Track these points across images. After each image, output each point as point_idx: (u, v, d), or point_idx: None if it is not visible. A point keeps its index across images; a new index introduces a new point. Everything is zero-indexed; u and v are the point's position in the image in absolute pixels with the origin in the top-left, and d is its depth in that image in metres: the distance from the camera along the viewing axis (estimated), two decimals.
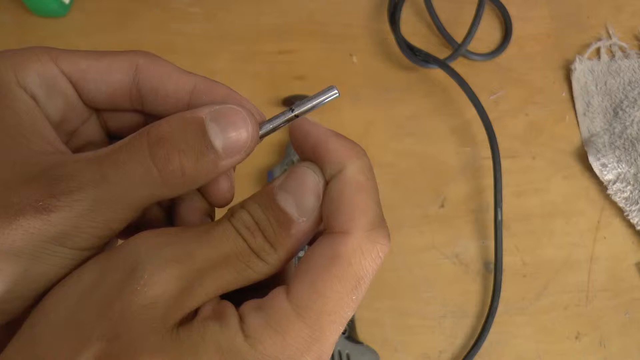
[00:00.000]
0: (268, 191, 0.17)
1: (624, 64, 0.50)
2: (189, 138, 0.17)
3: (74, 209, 0.16)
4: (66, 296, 0.16)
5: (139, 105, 0.20)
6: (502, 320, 0.42)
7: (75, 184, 0.16)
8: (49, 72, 0.19)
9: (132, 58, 0.20)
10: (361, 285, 0.16)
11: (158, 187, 0.17)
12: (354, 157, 0.17)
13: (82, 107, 0.20)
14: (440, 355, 0.41)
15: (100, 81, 0.19)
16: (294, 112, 0.19)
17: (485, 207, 0.45)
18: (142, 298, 0.15)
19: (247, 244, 0.17)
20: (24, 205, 0.16)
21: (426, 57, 0.47)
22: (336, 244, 0.16)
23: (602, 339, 0.42)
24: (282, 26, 0.51)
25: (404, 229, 0.44)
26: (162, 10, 0.51)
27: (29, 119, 0.18)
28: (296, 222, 0.17)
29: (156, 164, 0.17)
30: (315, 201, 0.17)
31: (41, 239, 0.16)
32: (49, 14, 0.50)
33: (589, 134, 0.48)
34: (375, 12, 0.53)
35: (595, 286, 0.43)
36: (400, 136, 0.48)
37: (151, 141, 0.17)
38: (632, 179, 0.45)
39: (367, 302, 0.42)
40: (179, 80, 0.20)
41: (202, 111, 0.17)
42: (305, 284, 0.16)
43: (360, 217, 0.16)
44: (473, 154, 0.47)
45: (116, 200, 0.17)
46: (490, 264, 0.43)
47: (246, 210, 0.17)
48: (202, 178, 0.18)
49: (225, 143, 0.17)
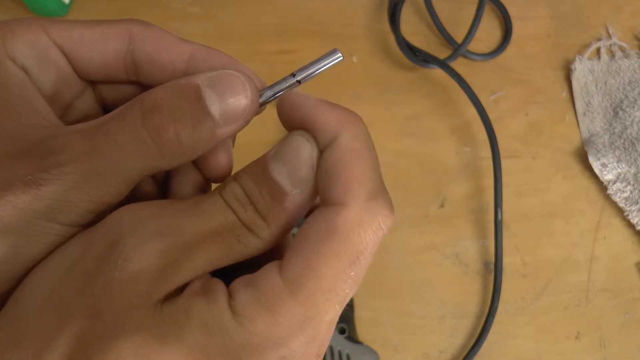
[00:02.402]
0: (261, 162, 0.16)
1: (624, 64, 0.50)
2: (185, 105, 0.16)
3: (64, 182, 0.15)
4: (50, 272, 0.15)
5: (134, 76, 0.19)
6: (502, 320, 0.42)
7: (65, 156, 0.16)
8: (40, 42, 0.18)
9: (126, 26, 0.19)
10: (361, 260, 0.15)
11: (153, 158, 0.16)
12: (349, 124, 0.16)
13: (75, 79, 0.19)
14: (440, 355, 0.41)
15: (94, 50, 0.18)
16: (295, 77, 0.18)
17: (485, 207, 0.45)
18: (123, 273, 0.14)
19: (238, 217, 0.16)
20: (13, 180, 0.15)
21: (426, 57, 0.47)
22: (332, 216, 0.15)
23: (602, 339, 0.42)
24: (282, 26, 0.51)
25: (404, 229, 0.44)
26: (162, 10, 0.51)
27: (20, 91, 0.17)
28: (290, 194, 0.16)
29: (150, 134, 0.16)
30: (309, 172, 0.16)
31: (31, 215, 0.15)
32: (49, 14, 0.50)
33: (589, 134, 0.48)
34: (375, 12, 0.53)
35: (595, 286, 0.43)
36: (400, 136, 0.48)
37: (144, 110, 0.16)
38: (632, 179, 0.45)
39: (367, 302, 0.42)
40: (176, 48, 0.19)
41: (199, 77, 0.17)
42: (299, 259, 0.15)
43: (357, 187, 0.15)
44: (473, 154, 0.47)
45: (109, 172, 0.16)
46: (490, 264, 0.43)
47: (237, 183, 0.16)
48: (199, 147, 0.17)
49: (223, 110, 0.16)
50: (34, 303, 0.15)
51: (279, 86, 0.18)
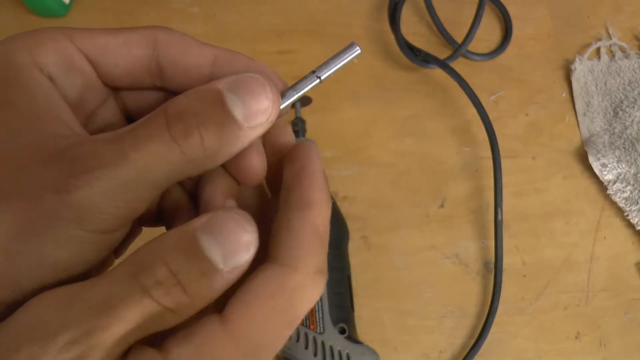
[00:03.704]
0: (189, 236, 0.16)
1: (624, 64, 0.50)
2: (208, 110, 0.16)
3: (93, 188, 0.15)
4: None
5: (158, 81, 0.19)
6: (502, 320, 0.42)
7: (94, 161, 0.15)
8: (65, 50, 0.18)
9: (150, 32, 0.19)
10: (295, 324, 0.16)
11: (180, 164, 0.16)
12: (327, 203, 0.18)
13: (100, 86, 0.19)
14: (440, 355, 0.41)
15: (119, 55, 0.19)
16: (315, 73, 0.18)
17: (485, 207, 0.45)
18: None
19: (160, 304, 0.15)
20: (42, 187, 0.15)
21: (426, 57, 0.47)
22: (283, 276, 0.16)
23: (602, 339, 0.42)
24: (282, 26, 0.51)
25: (404, 229, 0.44)
26: (162, 10, 0.51)
27: (45, 101, 0.17)
28: (221, 272, 0.15)
29: (176, 139, 0.16)
30: (246, 256, 0.16)
31: (59, 222, 0.15)
32: (49, 14, 0.50)
33: (589, 134, 0.48)
34: (375, 12, 0.53)
35: (595, 286, 0.43)
36: (400, 136, 0.48)
37: (169, 116, 0.16)
38: (632, 179, 0.45)
39: (367, 302, 0.42)
40: (200, 52, 0.19)
41: (220, 82, 0.17)
42: (244, 313, 0.15)
43: (312, 257, 0.16)
44: (473, 154, 0.47)
45: (137, 178, 0.16)
46: (490, 264, 0.43)
47: (162, 263, 0.15)
48: (225, 151, 0.17)
49: (246, 112, 0.17)
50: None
51: (301, 85, 0.19)
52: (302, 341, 0.37)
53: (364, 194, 0.45)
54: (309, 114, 0.47)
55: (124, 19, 0.51)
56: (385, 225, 0.44)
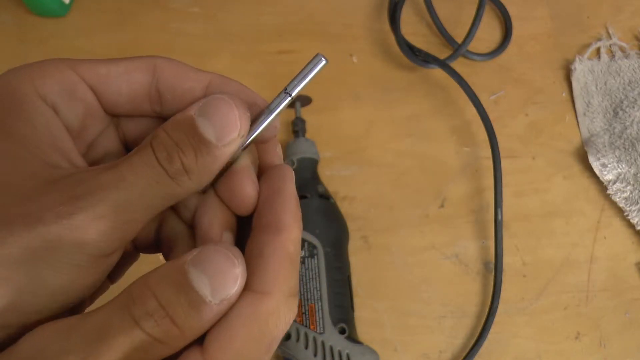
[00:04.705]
0: (179, 268, 0.16)
1: (624, 64, 0.50)
2: (183, 136, 0.17)
3: (96, 211, 0.16)
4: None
5: (157, 106, 0.21)
6: (502, 320, 0.42)
7: (95, 184, 0.16)
8: (68, 79, 0.19)
9: (149, 59, 0.20)
10: (273, 347, 0.17)
11: (170, 187, 0.17)
12: (298, 226, 0.18)
13: (101, 113, 0.20)
14: (440, 355, 0.41)
15: (121, 82, 0.20)
16: (287, 91, 0.20)
17: (485, 207, 0.45)
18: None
19: (149, 334, 0.15)
20: (44, 212, 0.16)
21: (426, 57, 0.47)
22: (257, 303, 0.16)
23: (602, 339, 0.42)
24: (282, 26, 0.51)
25: (404, 229, 0.44)
26: (162, 10, 0.51)
27: (47, 131, 0.18)
28: (209, 304, 0.16)
29: (163, 165, 0.17)
30: (233, 287, 0.16)
31: (60, 246, 0.16)
32: (49, 14, 0.50)
33: (589, 134, 0.48)
34: (375, 12, 0.53)
35: (595, 286, 0.43)
36: (400, 136, 0.48)
37: (154, 145, 0.17)
38: (632, 179, 0.45)
39: (367, 302, 0.42)
40: (196, 77, 0.20)
41: (192, 109, 0.18)
42: (222, 342, 0.16)
43: (284, 282, 0.17)
44: (473, 154, 0.47)
45: (136, 200, 0.17)
46: (490, 264, 0.43)
47: (150, 292, 0.16)
48: (206, 172, 0.18)
49: (217, 132, 0.18)
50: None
51: (275, 105, 0.20)
52: (302, 341, 0.37)
53: (364, 194, 0.45)
54: (309, 114, 0.47)
55: (124, 19, 0.51)
56: (385, 225, 0.44)
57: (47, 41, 0.50)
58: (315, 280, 0.38)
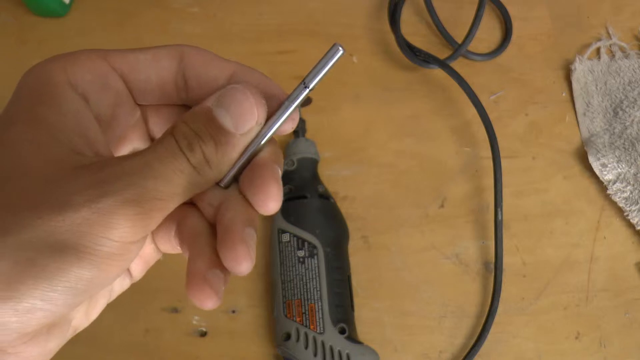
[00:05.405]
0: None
1: (624, 64, 0.50)
2: (202, 127, 0.18)
3: (123, 195, 0.16)
4: None
5: (183, 93, 0.21)
6: (502, 320, 0.42)
7: (121, 170, 0.17)
8: (100, 68, 0.19)
9: (176, 47, 0.21)
10: None
11: (192, 175, 0.18)
12: None
13: (131, 103, 0.21)
14: (440, 355, 0.41)
15: (149, 69, 0.20)
16: (305, 83, 0.20)
17: (485, 207, 0.45)
18: None
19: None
20: (71, 195, 0.16)
21: (426, 57, 0.47)
22: None
23: (602, 339, 0.42)
24: (282, 26, 0.51)
25: (404, 229, 0.44)
26: (162, 10, 0.51)
27: (75, 120, 0.18)
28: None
29: (185, 154, 0.18)
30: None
31: (88, 231, 0.16)
32: (49, 14, 0.50)
33: (589, 134, 0.48)
34: (375, 12, 0.53)
35: (595, 286, 0.43)
36: (400, 136, 0.48)
37: (176, 135, 0.18)
38: (632, 179, 0.45)
39: (367, 302, 0.42)
40: (220, 66, 0.21)
41: (209, 100, 0.19)
42: None
43: None
44: (473, 154, 0.47)
45: (161, 187, 0.17)
46: (490, 264, 0.43)
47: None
48: (226, 160, 0.19)
49: (235, 121, 0.19)
50: None
51: (294, 97, 0.20)
52: (302, 341, 0.37)
53: (364, 194, 0.45)
54: (309, 114, 0.47)
55: (124, 19, 0.51)
56: (385, 225, 0.44)
57: (47, 41, 0.50)
58: (315, 280, 0.38)
